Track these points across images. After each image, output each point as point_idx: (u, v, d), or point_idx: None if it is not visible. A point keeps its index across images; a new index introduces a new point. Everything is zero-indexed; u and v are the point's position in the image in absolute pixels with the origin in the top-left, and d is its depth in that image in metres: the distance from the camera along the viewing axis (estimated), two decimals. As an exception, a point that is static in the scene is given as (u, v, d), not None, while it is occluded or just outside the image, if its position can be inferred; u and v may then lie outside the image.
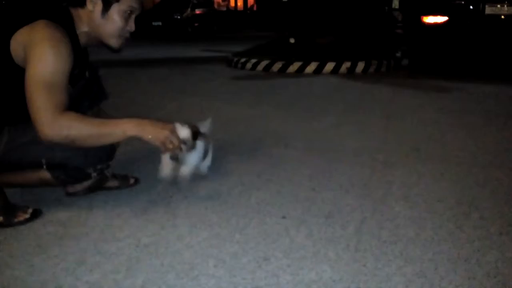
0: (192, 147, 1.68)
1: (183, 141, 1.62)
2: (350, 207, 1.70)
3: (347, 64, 5.55)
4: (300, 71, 5.55)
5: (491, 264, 1.31)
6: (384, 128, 2.92)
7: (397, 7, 7.43)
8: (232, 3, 20.67)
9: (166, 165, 1.73)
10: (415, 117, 3.20)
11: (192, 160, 1.75)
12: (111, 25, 1.57)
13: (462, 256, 1.36)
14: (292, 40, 7.06)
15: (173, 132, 1.53)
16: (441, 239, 1.46)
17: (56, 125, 1.41)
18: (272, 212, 1.66)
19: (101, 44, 1.62)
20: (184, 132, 1.63)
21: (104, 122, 1.50)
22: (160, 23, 12.61)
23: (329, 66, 5.53)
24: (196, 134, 1.67)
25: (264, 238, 1.46)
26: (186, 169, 1.77)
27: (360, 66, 5.57)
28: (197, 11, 13.54)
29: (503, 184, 1.93)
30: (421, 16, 5.02)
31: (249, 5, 20.14)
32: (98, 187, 1.78)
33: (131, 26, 1.62)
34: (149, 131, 1.50)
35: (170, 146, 1.53)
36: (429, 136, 2.71)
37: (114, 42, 1.61)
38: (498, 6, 4.70)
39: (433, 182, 1.96)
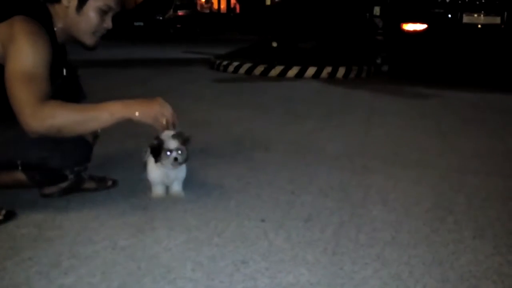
0: (187, 158, 1.66)
1: (177, 151, 1.60)
2: (329, 210, 1.71)
3: (328, 69, 5.60)
4: (282, 75, 5.58)
5: (464, 267, 1.34)
6: (363, 133, 2.96)
7: (378, 14, 7.54)
8: (215, 6, 20.66)
9: (156, 186, 1.74)
10: (394, 122, 3.25)
11: (182, 173, 1.75)
12: (86, 21, 1.56)
13: (436, 259, 1.38)
14: (274, 44, 7.09)
15: (162, 105, 1.51)
16: (416, 242, 1.49)
17: (39, 115, 1.39)
18: (251, 215, 1.66)
19: (76, 41, 1.61)
20: (173, 143, 1.60)
21: (89, 106, 1.48)
22: (142, 24, 12.51)
23: (311, 70, 5.57)
24: (186, 142, 1.66)
25: (242, 241, 1.46)
26: (178, 186, 1.77)
27: (341, 71, 5.64)
28: (180, 13, 13.48)
29: (477, 189, 1.98)
30: (401, 24, 5.11)
31: (232, 6, 20.16)
32: (74, 188, 1.75)
33: (108, 24, 1.61)
34: (137, 110, 1.49)
35: (163, 120, 1.51)
36: (407, 141, 2.75)
37: (87, 39, 1.59)
38: (475, 15, 4.83)
39: (410, 186, 1.99)
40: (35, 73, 1.40)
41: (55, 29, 1.55)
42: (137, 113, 1.48)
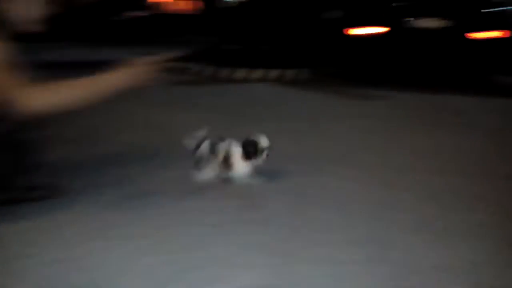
0: None
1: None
2: (284, 213, 1.77)
3: (279, 72, 5.66)
4: (230, 77, 5.57)
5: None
6: (314, 135, 3.03)
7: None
8: (178, 6, 20.28)
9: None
10: (344, 124, 3.34)
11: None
12: None
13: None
14: (234, 47, 7.05)
15: None
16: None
17: None
18: (196, 221, 1.67)
19: None
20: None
21: None
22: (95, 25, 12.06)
23: (259, 72, 5.61)
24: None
25: (187, 248, 1.49)
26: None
27: (292, 73, 5.70)
28: (138, 14, 13.16)
29: (422, 186, 2.11)
30: (347, 29, 5.25)
31: (193, 9, 19.85)
32: (19, 199, 1.71)
33: None
34: None
35: None
36: (355, 142, 2.85)
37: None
38: (428, 20, 5.00)
39: (352, 185, 2.08)
40: None
41: None
42: None
